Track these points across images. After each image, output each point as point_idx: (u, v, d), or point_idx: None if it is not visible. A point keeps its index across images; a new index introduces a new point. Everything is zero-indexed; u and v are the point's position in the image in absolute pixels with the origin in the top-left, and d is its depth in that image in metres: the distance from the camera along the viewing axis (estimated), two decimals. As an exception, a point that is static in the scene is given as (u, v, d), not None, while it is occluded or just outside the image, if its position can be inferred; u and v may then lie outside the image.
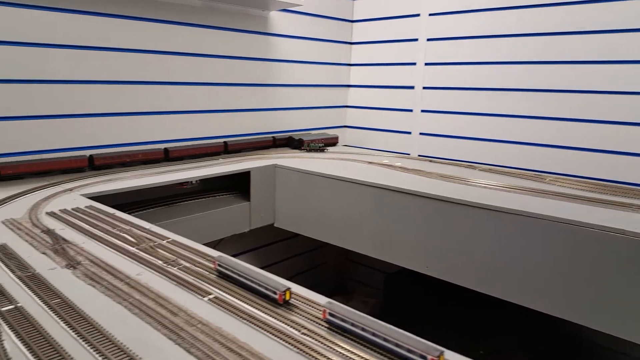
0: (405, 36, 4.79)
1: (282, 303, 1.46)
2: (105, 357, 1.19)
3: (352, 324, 1.29)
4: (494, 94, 4.27)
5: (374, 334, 1.25)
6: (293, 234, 4.06)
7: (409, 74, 4.78)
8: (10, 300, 1.45)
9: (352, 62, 5.26)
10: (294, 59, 4.74)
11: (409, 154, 4.75)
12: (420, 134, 4.75)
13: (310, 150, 4.17)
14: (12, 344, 1.24)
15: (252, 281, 1.53)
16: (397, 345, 1.20)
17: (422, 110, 4.72)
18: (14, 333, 1.29)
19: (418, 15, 4.67)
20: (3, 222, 2.18)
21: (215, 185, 3.94)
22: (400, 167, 3.70)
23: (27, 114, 3.08)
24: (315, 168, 3.60)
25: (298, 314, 1.43)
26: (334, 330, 1.34)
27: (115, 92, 3.50)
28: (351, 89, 5.30)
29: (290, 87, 4.75)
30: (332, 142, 4.79)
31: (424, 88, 4.70)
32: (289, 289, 1.47)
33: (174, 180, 3.25)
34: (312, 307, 1.48)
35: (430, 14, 4.59)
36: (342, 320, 1.32)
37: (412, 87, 4.77)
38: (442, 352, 1.15)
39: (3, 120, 2.98)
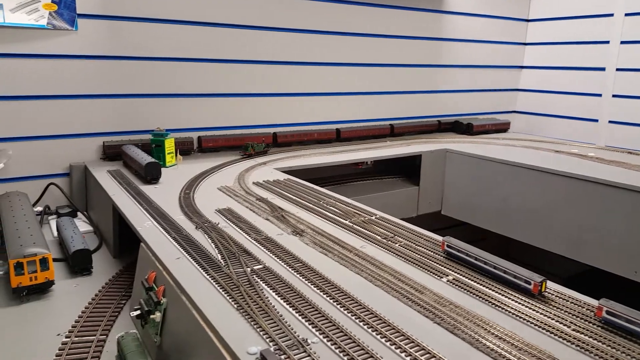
0: (597, 11, 4.22)
1: (536, 294, 1.32)
2: (370, 326, 1.17)
3: (644, 327, 1.11)
4: None
5: (679, 343, 1.05)
6: (446, 223, 3.85)
7: (599, 53, 4.21)
8: (257, 260, 1.53)
9: (527, 41, 4.81)
10: (463, 38, 4.47)
11: (593, 144, 4.21)
12: (610, 122, 4.18)
13: (255, 155, 3.17)
14: (273, 299, 1.29)
15: (496, 268, 1.41)
16: None
17: (614, 95, 4.14)
18: (271, 289, 1.35)
19: (616, -15, 4.09)
20: (219, 189, 2.36)
21: (381, 168, 3.91)
22: (595, 158, 3.28)
23: (223, 91, 3.33)
24: (494, 154, 3.35)
25: (558, 307, 1.28)
26: (611, 330, 1.17)
27: (294, 73, 3.62)
28: (524, 70, 4.87)
29: (457, 67, 4.50)
30: (503, 128, 4.45)
31: (618, 70, 4.11)
32: (545, 279, 1.32)
33: (351, 159, 3.27)
34: (570, 301, 1.31)
35: (633, -17, 3.99)
36: (627, 321, 1.14)
37: (602, 69, 4.21)
38: None
39: (207, 97, 3.25)
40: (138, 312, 1.52)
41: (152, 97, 3.06)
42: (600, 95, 4.25)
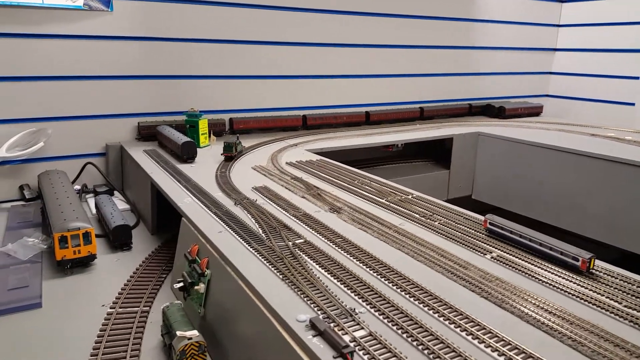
0: (637, -10, 4.07)
1: (584, 271, 1.30)
2: (417, 299, 1.17)
3: (702, 304, 1.08)
4: None
5: None
6: (475, 208, 3.79)
7: (637, 35, 4.06)
8: (298, 235, 1.54)
9: (561, 23, 4.67)
10: (495, 19, 4.36)
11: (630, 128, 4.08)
12: (648, 105, 4.05)
13: (238, 155, 2.60)
14: (317, 271, 1.30)
15: (542, 245, 1.39)
16: None
17: (654, 78, 4.01)
18: (314, 262, 1.36)
19: (659, -38, 3.92)
20: (253, 168, 2.38)
21: (411, 151, 3.87)
22: (633, 141, 3.18)
23: (254, 73, 3.33)
24: (528, 137, 3.29)
25: (608, 284, 1.25)
26: (665, 309, 1.14)
27: (324, 55, 3.60)
28: (557, 53, 4.73)
29: (488, 49, 4.40)
30: (536, 111, 4.35)
31: (659, 51, 3.97)
32: (594, 256, 1.30)
33: (381, 142, 3.25)
34: (620, 278, 1.29)
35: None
36: (684, 298, 1.11)
37: (640, 51, 4.07)
38: None
39: (238, 78, 3.26)
40: (181, 284, 1.56)
41: (185, 78, 3.09)
42: (637, 78, 4.11)
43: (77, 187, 2.75)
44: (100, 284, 1.82)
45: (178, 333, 1.31)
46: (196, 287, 1.49)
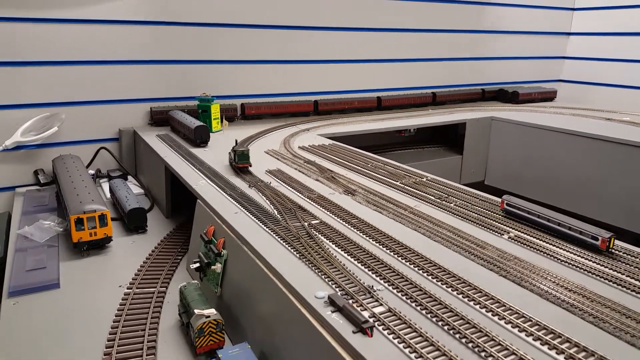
0: (656, -29, 3.98)
1: (604, 250, 1.28)
2: (435, 277, 1.16)
3: None
4: None
5: None
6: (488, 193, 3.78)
7: (656, 17, 3.98)
8: (313, 216, 1.54)
9: (575, 6, 4.58)
10: (508, 3, 4.29)
11: (646, 114, 4.02)
12: (666, 89, 3.98)
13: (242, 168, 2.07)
14: (334, 250, 1.30)
15: (561, 224, 1.37)
16: None
17: (672, 61, 3.93)
18: (330, 241, 1.36)
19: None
20: (266, 152, 2.37)
21: (423, 136, 3.85)
22: (651, 125, 3.13)
23: (265, 58, 3.31)
24: (543, 122, 3.24)
25: (628, 263, 1.24)
26: (688, 287, 1.13)
27: (335, 39, 3.56)
28: (571, 37, 4.65)
29: (501, 34, 4.33)
30: (549, 96, 4.29)
31: (677, 33, 3.88)
32: (613, 235, 1.28)
33: (394, 127, 3.23)
34: (638, 257, 1.27)
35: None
36: None
37: (659, 33, 3.98)
38: None
39: (250, 63, 3.25)
40: (197, 264, 1.57)
41: (197, 63, 3.08)
42: (655, 61, 4.03)
43: (91, 171, 2.77)
44: (117, 265, 1.84)
45: (196, 311, 1.32)
46: (213, 267, 1.50)
